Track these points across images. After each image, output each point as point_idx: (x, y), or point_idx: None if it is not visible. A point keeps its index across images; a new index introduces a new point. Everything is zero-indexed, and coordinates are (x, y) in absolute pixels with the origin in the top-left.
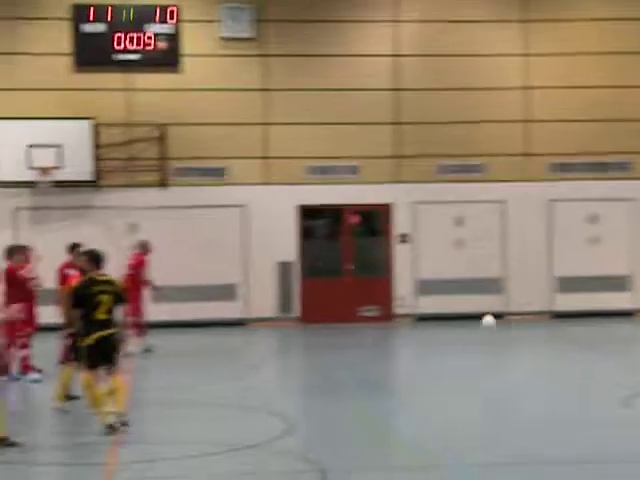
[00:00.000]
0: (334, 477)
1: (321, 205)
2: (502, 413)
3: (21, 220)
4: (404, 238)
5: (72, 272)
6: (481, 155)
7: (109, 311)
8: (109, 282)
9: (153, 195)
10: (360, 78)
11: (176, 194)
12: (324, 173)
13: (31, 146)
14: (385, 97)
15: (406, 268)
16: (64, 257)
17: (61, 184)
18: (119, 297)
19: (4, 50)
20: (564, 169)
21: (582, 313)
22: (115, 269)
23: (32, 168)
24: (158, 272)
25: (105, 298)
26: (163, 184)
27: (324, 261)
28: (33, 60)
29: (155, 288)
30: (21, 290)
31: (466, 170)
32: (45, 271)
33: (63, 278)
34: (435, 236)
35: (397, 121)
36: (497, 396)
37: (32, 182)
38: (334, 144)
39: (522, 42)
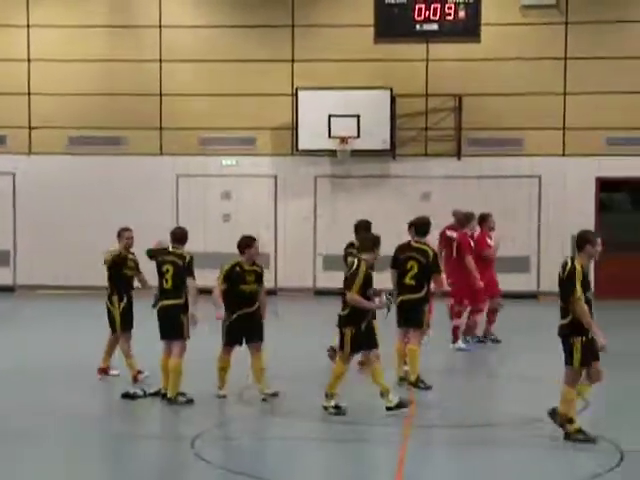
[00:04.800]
0: (632, 459)
1: (621, 178)
2: None
3: (320, 187)
4: None
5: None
6: None
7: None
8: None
9: (447, 165)
10: None
11: (470, 164)
12: (626, 144)
13: (331, 116)
14: None
15: None
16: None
17: (359, 153)
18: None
19: (311, 23)
20: None
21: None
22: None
23: (332, 137)
24: None
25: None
26: (457, 154)
27: (622, 236)
28: (337, 32)
29: None
30: (476, 258)
31: None
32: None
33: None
34: None
35: None
36: None
37: (332, 151)
38: (636, 114)
39: None
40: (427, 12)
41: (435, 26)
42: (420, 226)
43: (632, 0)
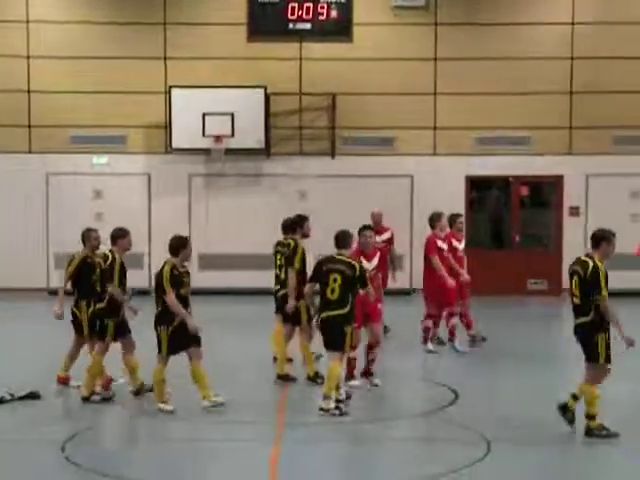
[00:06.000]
0: (498, 448)
1: (489, 176)
2: None
3: (195, 186)
4: (575, 211)
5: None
6: None
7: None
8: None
9: (321, 164)
10: (533, 46)
11: (344, 163)
12: (493, 144)
13: (205, 114)
14: (559, 66)
15: (576, 241)
16: (236, 222)
17: (233, 152)
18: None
19: (183, 21)
20: None
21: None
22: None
23: (206, 136)
24: (324, 240)
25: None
26: (331, 153)
27: (491, 232)
28: (210, 30)
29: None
30: (442, 259)
31: None
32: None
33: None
34: (608, 210)
35: (570, 90)
36: None
37: (206, 149)
38: (504, 114)
39: None
40: (300, 11)
41: (308, 25)
42: (285, 225)
43: (501, 3)
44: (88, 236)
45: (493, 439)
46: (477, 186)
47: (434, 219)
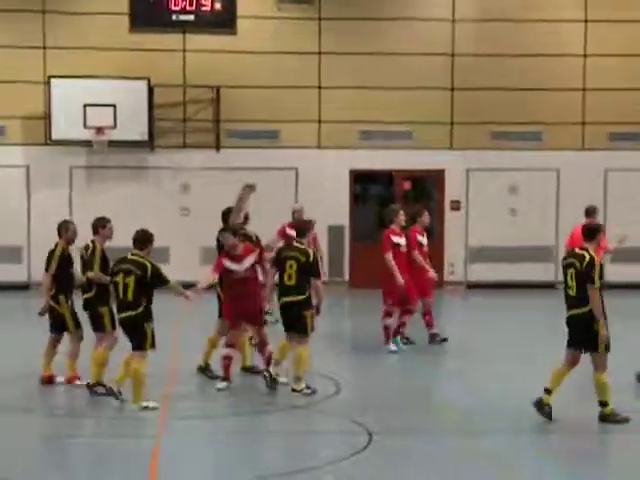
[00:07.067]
0: (379, 439)
1: (373, 170)
2: None
3: (76, 179)
4: (456, 205)
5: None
6: (538, 123)
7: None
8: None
9: (206, 156)
10: (415, 42)
11: (229, 156)
12: (377, 138)
13: (87, 105)
14: (440, 62)
15: (457, 235)
16: (119, 216)
17: (116, 144)
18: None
19: (63, 9)
20: (623, 138)
21: None
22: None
23: (88, 127)
24: (211, 235)
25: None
26: (216, 146)
27: (374, 226)
28: (91, 20)
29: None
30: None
31: (522, 138)
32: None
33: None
34: (488, 204)
35: (452, 86)
36: None
37: (87, 141)
38: (387, 109)
39: (583, 9)
40: (183, 2)
41: (191, 17)
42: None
43: None
44: (66, 228)
45: (375, 431)
46: (361, 180)
47: (390, 214)
